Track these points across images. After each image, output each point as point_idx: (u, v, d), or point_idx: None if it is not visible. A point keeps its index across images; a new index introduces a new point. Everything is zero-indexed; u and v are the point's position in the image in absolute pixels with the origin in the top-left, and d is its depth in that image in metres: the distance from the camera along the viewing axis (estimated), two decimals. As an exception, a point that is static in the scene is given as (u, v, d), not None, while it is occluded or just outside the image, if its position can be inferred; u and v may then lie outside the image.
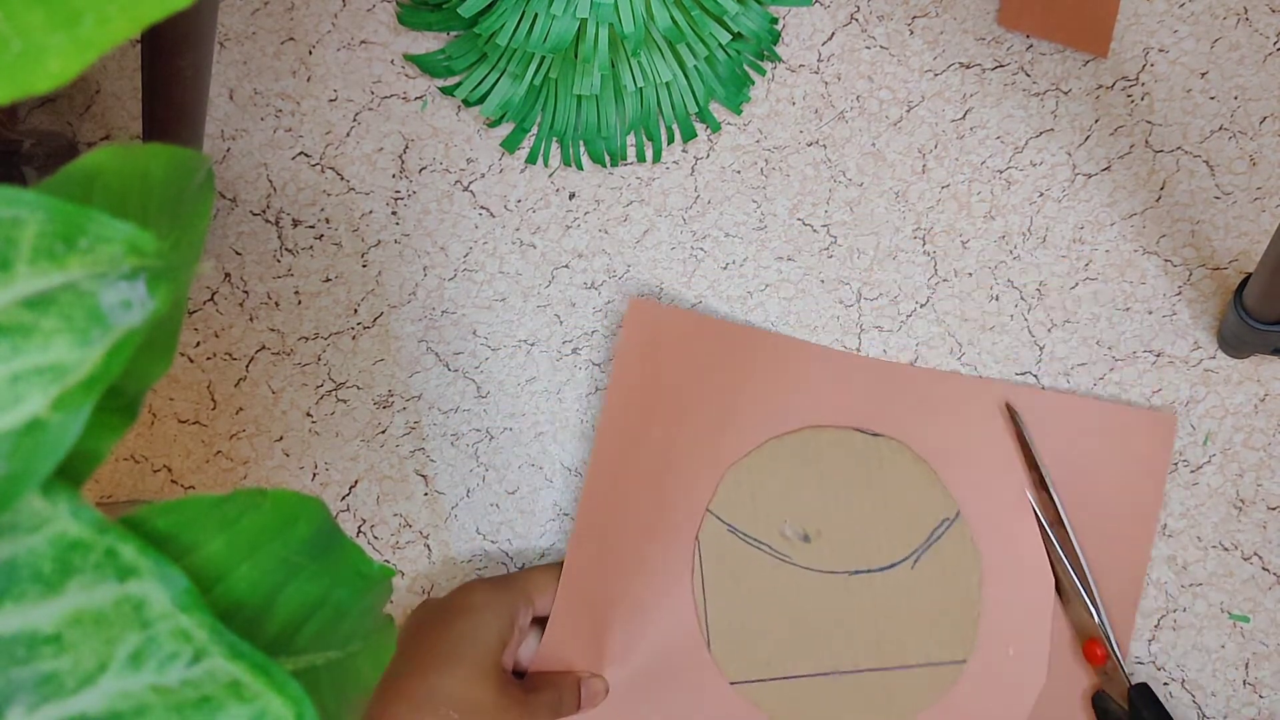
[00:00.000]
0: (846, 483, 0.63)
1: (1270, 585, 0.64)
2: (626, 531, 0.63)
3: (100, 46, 0.25)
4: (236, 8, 0.67)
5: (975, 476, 0.63)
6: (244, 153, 0.66)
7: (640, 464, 0.63)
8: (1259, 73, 0.65)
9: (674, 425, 0.63)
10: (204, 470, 0.66)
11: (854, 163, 0.66)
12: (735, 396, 0.64)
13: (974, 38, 0.66)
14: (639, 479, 0.63)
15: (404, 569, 0.66)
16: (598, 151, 0.66)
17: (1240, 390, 0.64)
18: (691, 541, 0.64)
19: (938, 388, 0.64)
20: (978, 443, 0.63)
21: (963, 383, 0.64)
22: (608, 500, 0.63)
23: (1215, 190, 0.65)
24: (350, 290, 0.66)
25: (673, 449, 0.63)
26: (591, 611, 0.62)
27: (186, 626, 0.28)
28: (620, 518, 0.63)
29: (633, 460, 0.63)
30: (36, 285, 0.25)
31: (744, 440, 0.64)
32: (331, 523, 0.34)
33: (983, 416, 0.63)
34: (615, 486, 0.63)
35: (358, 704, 0.35)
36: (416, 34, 0.67)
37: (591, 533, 0.62)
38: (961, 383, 0.64)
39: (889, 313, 0.66)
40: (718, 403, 0.63)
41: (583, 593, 0.62)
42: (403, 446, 0.66)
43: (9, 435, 0.25)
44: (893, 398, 0.64)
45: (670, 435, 0.63)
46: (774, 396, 0.64)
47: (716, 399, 0.63)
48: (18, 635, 0.27)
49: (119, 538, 0.28)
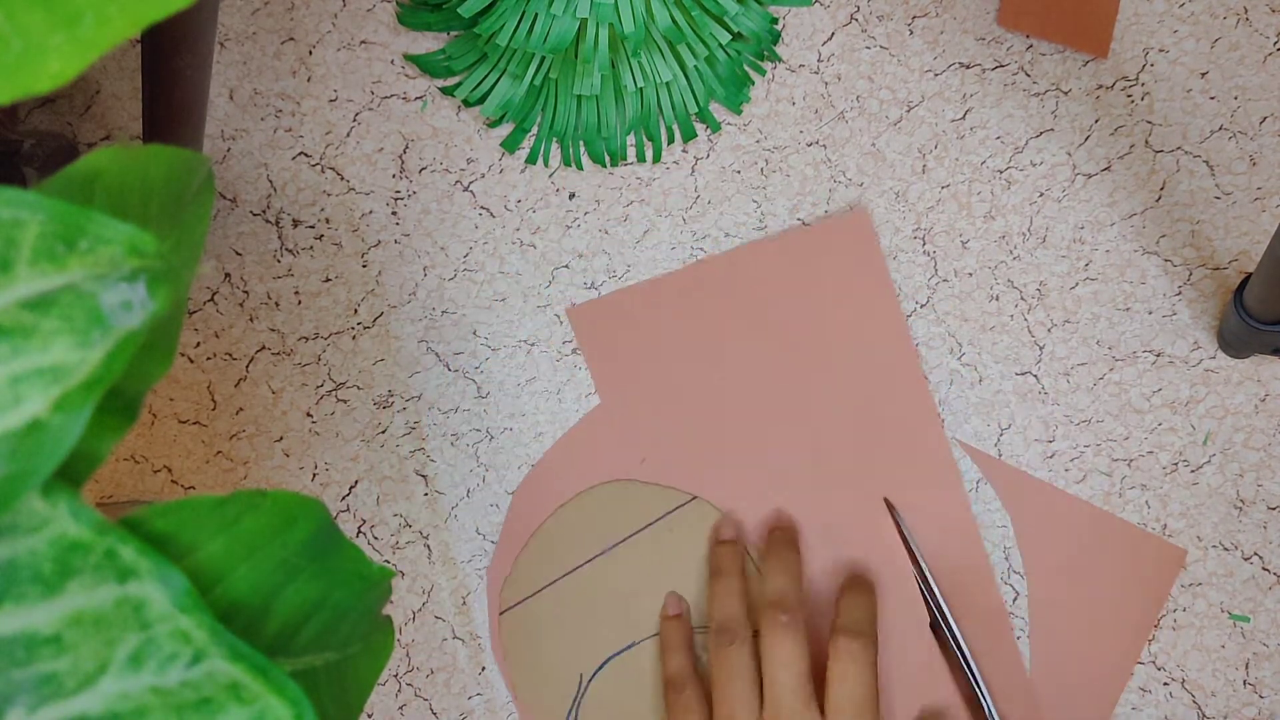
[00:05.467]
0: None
1: (1270, 585, 0.64)
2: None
3: (100, 46, 0.25)
4: (236, 8, 0.67)
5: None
6: (244, 153, 0.66)
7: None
8: (1259, 73, 0.65)
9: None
10: (204, 471, 0.66)
11: (854, 163, 0.66)
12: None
13: (974, 38, 0.66)
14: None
15: (404, 569, 0.66)
16: (598, 151, 0.66)
17: (1240, 390, 0.64)
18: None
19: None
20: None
21: (847, 476, 0.65)
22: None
23: (1215, 190, 0.65)
24: (350, 290, 0.66)
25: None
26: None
27: (186, 628, 0.28)
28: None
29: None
30: (37, 286, 0.25)
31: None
32: (331, 524, 0.34)
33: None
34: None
35: (357, 705, 0.35)
36: (416, 34, 0.67)
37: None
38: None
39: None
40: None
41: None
42: (403, 446, 0.66)
43: (9, 436, 0.25)
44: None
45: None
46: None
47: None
48: (17, 636, 0.27)
49: (119, 539, 0.28)
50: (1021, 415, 0.65)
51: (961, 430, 0.65)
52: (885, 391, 0.64)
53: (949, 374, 0.65)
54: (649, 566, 0.65)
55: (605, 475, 0.65)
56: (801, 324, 0.65)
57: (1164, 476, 0.64)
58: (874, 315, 0.65)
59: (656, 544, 0.65)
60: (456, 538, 0.66)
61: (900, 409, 0.64)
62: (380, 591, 0.37)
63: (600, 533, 0.65)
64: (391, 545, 0.66)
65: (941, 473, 0.64)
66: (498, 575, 0.65)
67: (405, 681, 0.66)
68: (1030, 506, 0.64)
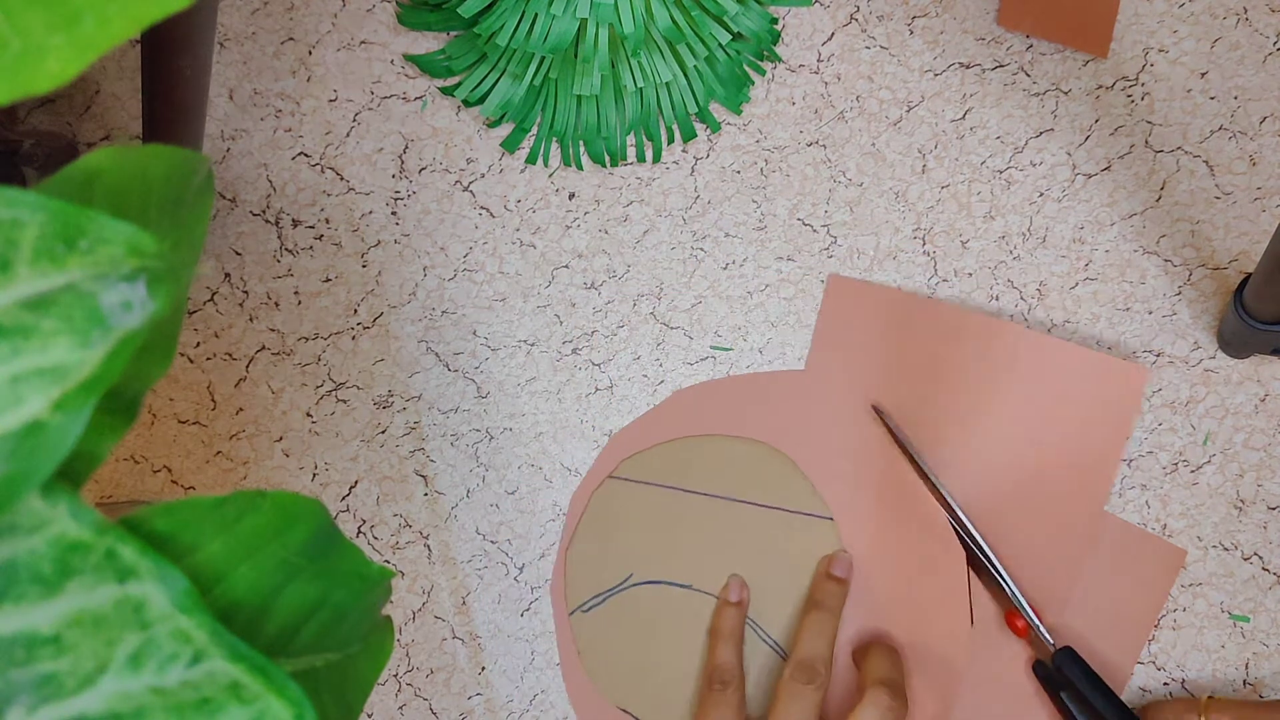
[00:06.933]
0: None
1: (1270, 585, 0.64)
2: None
3: (100, 46, 0.25)
4: (236, 8, 0.67)
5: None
6: (244, 153, 0.66)
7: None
8: (1259, 73, 0.65)
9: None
10: (204, 471, 0.66)
11: (854, 163, 0.66)
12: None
13: (974, 38, 0.66)
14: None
15: (404, 569, 0.66)
16: (598, 151, 0.66)
17: (1240, 390, 0.64)
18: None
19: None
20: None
21: (830, 382, 0.65)
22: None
23: (1215, 190, 0.65)
24: (350, 290, 0.66)
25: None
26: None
27: (186, 628, 0.28)
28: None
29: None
30: (37, 286, 0.25)
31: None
32: (331, 524, 0.34)
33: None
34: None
35: (357, 705, 0.35)
36: (416, 34, 0.67)
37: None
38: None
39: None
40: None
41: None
42: (403, 446, 0.66)
43: (9, 437, 0.25)
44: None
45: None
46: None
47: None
48: (17, 636, 0.27)
49: (119, 539, 0.28)
50: (1021, 415, 0.65)
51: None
52: (1056, 516, 0.63)
53: (949, 374, 0.65)
54: (746, 539, 0.65)
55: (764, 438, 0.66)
56: (1013, 417, 0.63)
57: (1164, 476, 0.64)
58: (1090, 455, 0.63)
59: (766, 527, 0.65)
60: (456, 538, 0.66)
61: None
62: (380, 591, 0.37)
63: (729, 479, 0.65)
64: (391, 545, 0.66)
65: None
66: (619, 452, 0.66)
67: (405, 681, 0.66)
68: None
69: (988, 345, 0.63)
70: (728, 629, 0.63)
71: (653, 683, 0.65)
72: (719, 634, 0.63)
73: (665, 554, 0.65)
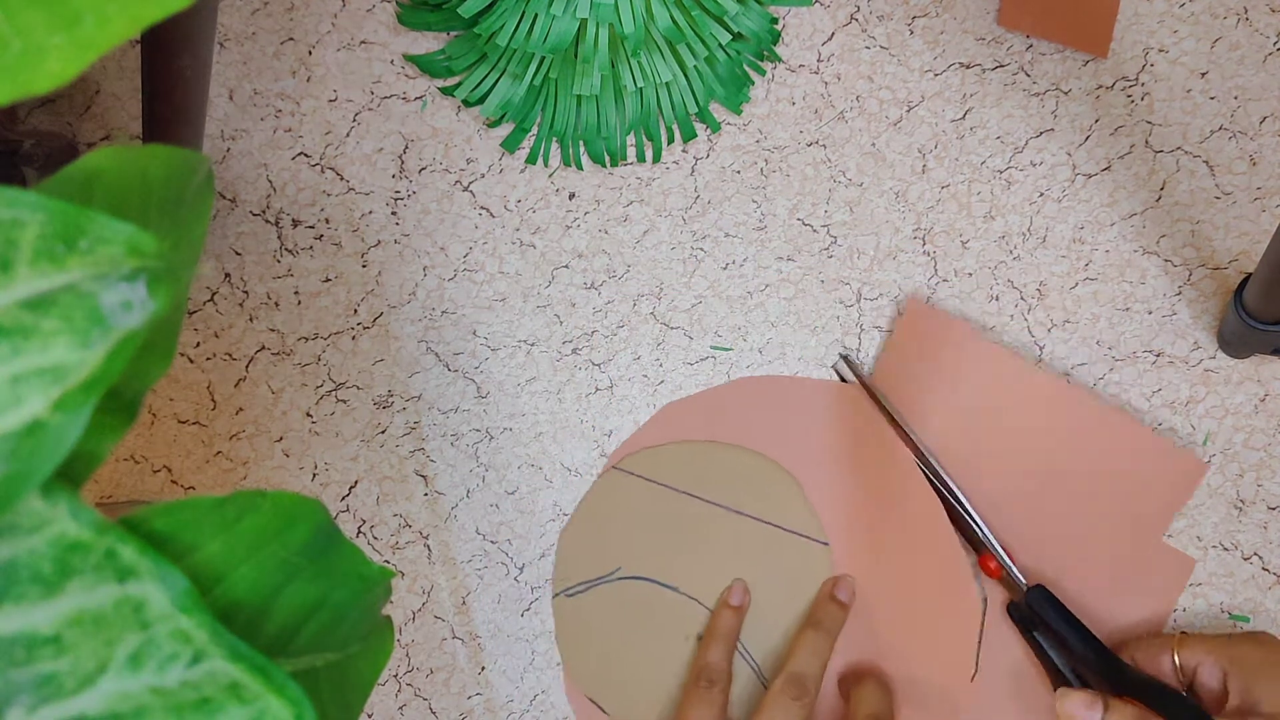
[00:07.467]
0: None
1: (1270, 585, 0.64)
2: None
3: (100, 47, 0.25)
4: (236, 8, 0.67)
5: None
6: (244, 153, 0.66)
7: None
8: (1259, 73, 0.65)
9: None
10: (204, 471, 0.66)
11: (854, 163, 0.66)
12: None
13: (974, 38, 0.66)
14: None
15: (404, 569, 0.66)
16: (598, 151, 0.66)
17: (1240, 390, 0.64)
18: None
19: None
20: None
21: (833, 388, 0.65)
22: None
23: (1215, 190, 0.65)
24: (350, 290, 0.66)
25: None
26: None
27: (186, 628, 0.28)
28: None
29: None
30: (37, 286, 0.25)
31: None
32: (331, 524, 0.34)
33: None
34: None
35: (357, 705, 0.35)
36: (416, 34, 0.67)
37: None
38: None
39: (889, 313, 0.66)
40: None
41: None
42: (403, 446, 0.66)
43: (9, 436, 0.25)
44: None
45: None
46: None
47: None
48: (17, 636, 0.27)
49: (119, 539, 0.28)
50: (1021, 415, 0.65)
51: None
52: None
53: (949, 374, 0.65)
54: (740, 551, 0.64)
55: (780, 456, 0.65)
56: (1064, 473, 0.63)
57: (1164, 476, 0.64)
58: (1134, 526, 0.63)
59: (761, 542, 0.64)
60: (456, 538, 0.66)
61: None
62: (380, 591, 0.37)
63: (732, 489, 0.65)
64: (391, 545, 0.66)
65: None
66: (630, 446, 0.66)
67: (405, 681, 0.66)
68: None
69: (1056, 408, 0.63)
70: (722, 631, 0.63)
71: (622, 677, 0.65)
72: (713, 634, 0.63)
73: (656, 553, 0.65)
